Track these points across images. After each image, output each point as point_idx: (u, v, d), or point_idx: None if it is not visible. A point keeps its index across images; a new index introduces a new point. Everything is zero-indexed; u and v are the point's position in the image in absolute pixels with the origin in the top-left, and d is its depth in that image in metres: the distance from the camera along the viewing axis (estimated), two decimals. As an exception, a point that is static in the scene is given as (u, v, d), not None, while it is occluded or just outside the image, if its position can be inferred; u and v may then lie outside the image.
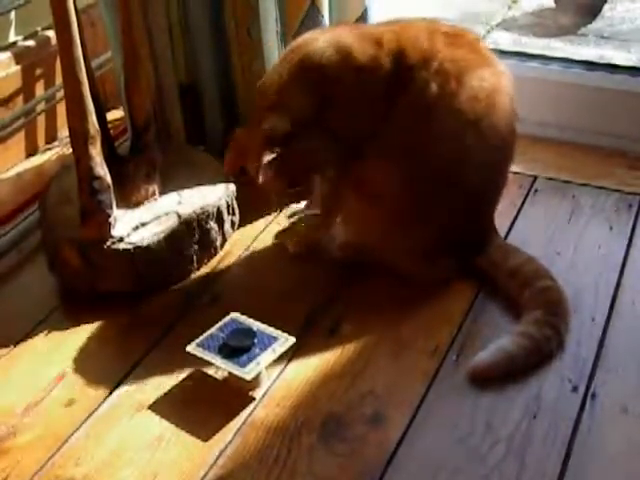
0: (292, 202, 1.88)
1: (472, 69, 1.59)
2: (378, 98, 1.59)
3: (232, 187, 1.85)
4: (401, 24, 1.65)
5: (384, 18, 1.74)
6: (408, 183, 1.60)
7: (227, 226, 1.83)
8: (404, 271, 1.68)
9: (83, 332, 1.66)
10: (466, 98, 1.57)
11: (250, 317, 1.57)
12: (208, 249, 1.80)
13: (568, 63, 2.32)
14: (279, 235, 1.89)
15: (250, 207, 1.91)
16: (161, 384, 1.52)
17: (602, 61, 2.72)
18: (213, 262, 1.81)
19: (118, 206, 1.71)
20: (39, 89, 2.21)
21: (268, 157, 1.53)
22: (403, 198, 1.61)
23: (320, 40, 1.63)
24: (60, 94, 2.13)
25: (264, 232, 1.90)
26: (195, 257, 1.77)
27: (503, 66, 1.65)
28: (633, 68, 2.42)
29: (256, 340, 1.51)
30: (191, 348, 1.51)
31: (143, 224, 1.73)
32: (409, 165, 1.59)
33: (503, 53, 2.38)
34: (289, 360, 1.55)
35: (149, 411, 1.47)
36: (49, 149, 2.25)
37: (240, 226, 1.90)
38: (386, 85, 1.59)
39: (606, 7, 3.17)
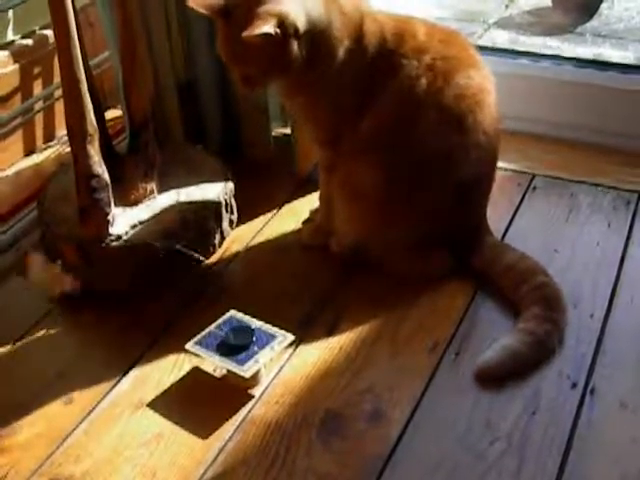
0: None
1: (461, 68, 1.62)
2: (364, 67, 1.59)
3: (230, 185, 1.85)
4: (403, 16, 1.67)
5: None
6: (392, 177, 1.62)
7: (225, 224, 1.83)
8: (396, 268, 1.70)
9: (82, 330, 1.67)
10: (453, 95, 1.59)
11: (249, 315, 1.57)
12: (206, 247, 1.80)
13: (565, 61, 2.32)
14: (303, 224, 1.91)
15: (248, 205, 1.91)
16: (160, 382, 1.52)
17: (599, 59, 2.72)
18: (211, 260, 1.81)
19: (116, 204, 1.71)
20: (37, 88, 2.20)
21: (267, 29, 1.43)
22: (387, 193, 1.63)
23: None
24: (58, 93, 2.13)
25: (262, 230, 1.90)
26: (193, 255, 1.77)
27: (488, 70, 1.67)
28: (630, 66, 2.42)
29: (255, 338, 1.51)
30: (190, 346, 1.52)
31: (141, 222, 1.73)
32: (393, 160, 1.61)
33: (499, 51, 2.39)
34: (288, 358, 1.56)
35: (148, 409, 1.47)
36: (47, 148, 2.25)
37: (238, 224, 1.89)
38: (373, 60, 1.59)
39: (603, 6, 3.17)
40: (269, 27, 1.43)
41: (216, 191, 1.82)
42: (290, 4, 1.49)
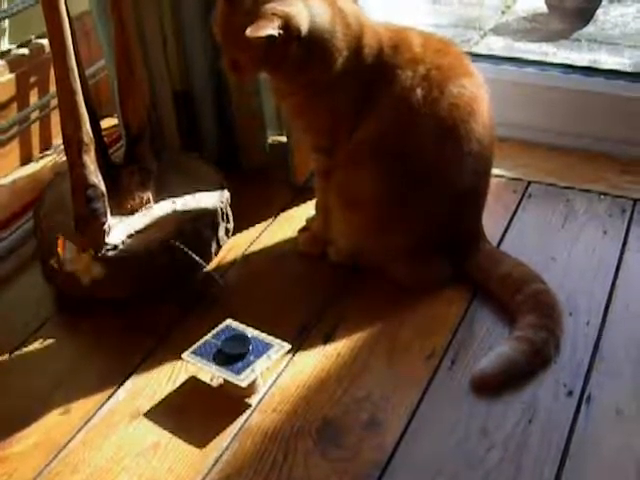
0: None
1: (454, 77, 1.63)
2: (361, 77, 1.61)
3: (227, 194, 1.85)
4: (399, 27, 1.68)
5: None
6: (388, 185, 1.62)
7: (222, 233, 1.83)
8: (394, 275, 1.70)
9: (79, 340, 1.67)
10: (447, 104, 1.60)
11: (245, 323, 1.57)
12: (203, 256, 1.79)
13: (560, 67, 2.33)
14: (299, 232, 1.90)
15: (245, 214, 1.91)
16: (157, 391, 1.52)
17: (594, 65, 2.73)
18: (208, 269, 1.81)
19: (112, 214, 1.71)
20: (33, 97, 2.21)
21: (271, 31, 1.46)
22: (383, 200, 1.64)
23: None
24: (54, 102, 2.13)
25: (259, 239, 1.90)
26: (190, 264, 1.77)
27: (482, 78, 1.69)
28: (625, 73, 2.43)
29: (251, 347, 1.51)
30: (186, 355, 1.52)
31: (138, 232, 1.73)
32: (389, 168, 1.62)
33: (495, 58, 2.40)
34: (285, 366, 1.56)
35: (145, 418, 1.47)
36: (44, 157, 2.25)
37: (234, 233, 1.89)
38: (370, 71, 1.60)
39: (599, 12, 3.18)
40: (273, 29, 1.45)
41: (212, 199, 1.82)
42: (297, 6, 1.50)
